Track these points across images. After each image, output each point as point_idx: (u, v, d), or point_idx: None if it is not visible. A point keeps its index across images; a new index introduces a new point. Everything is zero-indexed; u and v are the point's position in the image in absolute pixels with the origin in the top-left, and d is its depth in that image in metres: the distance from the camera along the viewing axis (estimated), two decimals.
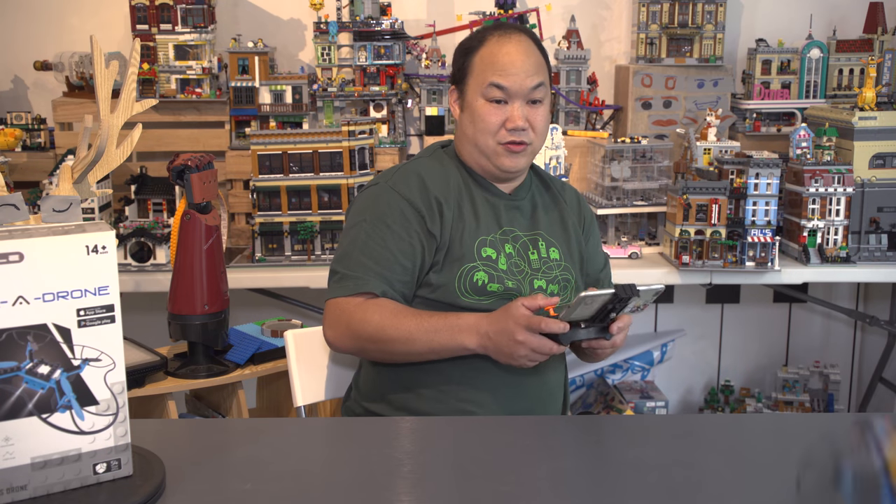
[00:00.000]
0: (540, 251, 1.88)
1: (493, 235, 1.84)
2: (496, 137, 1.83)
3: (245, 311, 3.14)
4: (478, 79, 1.84)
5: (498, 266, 1.81)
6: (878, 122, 2.89)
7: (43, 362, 1.13)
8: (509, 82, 1.82)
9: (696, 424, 1.63)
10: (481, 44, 1.86)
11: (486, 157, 1.85)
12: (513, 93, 1.82)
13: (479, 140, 1.84)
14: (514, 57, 1.83)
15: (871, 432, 1.48)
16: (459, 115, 1.90)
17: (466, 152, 1.90)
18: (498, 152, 1.84)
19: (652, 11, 3.19)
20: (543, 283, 1.85)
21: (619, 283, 1.57)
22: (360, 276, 1.75)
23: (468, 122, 1.86)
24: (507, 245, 1.85)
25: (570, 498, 1.23)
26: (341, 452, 1.38)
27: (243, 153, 3.06)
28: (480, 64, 1.84)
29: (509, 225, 1.87)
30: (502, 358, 1.66)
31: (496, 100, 1.82)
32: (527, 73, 1.83)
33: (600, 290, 1.54)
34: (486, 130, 1.83)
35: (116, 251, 1.17)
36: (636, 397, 3.35)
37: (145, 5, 3.06)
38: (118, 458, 1.19)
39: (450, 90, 1.94)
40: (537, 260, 1.87)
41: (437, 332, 1.70)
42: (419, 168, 1.87)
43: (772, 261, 2.80)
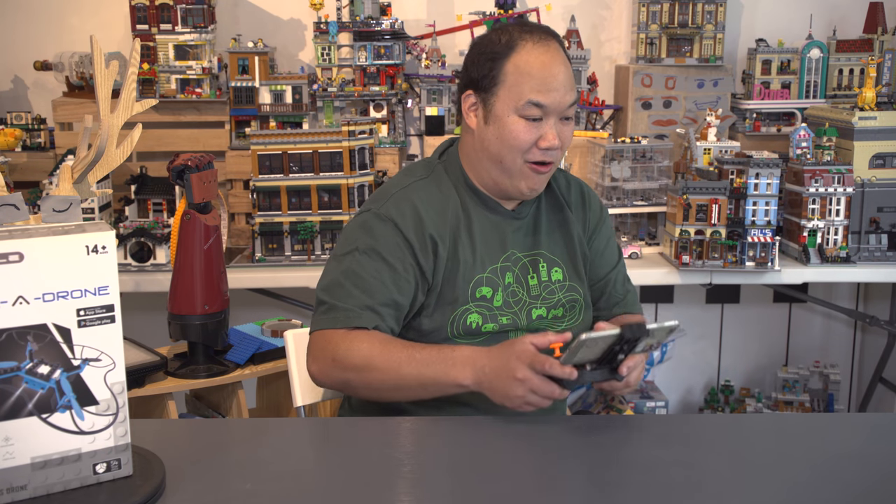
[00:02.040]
0: (540, 274, 1.76)
1: (491, 269, 1.71)
2: (525, 156, 1.68)
3: (245, 311, 3.14)
4: (513, 92, 1.66)
5: (493, 304, 1.70)
6: (878, 122, 2.89)
7: (43, 362, 1.13)
8: (549, 100, 1.65)
9: (696, 424, 1.63)
10: (513, 50, 1.67)
11: (508, 175, 1.70)
12: (550, 111, 1.66)
13: (506, 158, 1.68)
14: (555, 69, 1.66)
15: None
16: (477, 125, 1.72)
17: (480, 167, 1.74)
18: (523, 173, 1.69)
19: (652, 11, 3.19)
20: (543, 311, 1.75)
21: (627, 323, 1.40)
22: (351, 308, 1.61)
23: (493, 136, 1.69)
24: (508, 274, 1.73)
25: (570, 498, 1.23)
26: (341, 452, 1.38)
27: (243, 153, 3.06)
28: (516, 74, 1.66)
29: (512, 247, 1.75)
30: (497, 397, 1.49)
31: (533, 118, 1.66)
32: (566, 88, 1.67)
33: (603, 332, 1.39)
34: (516, 149, 1.67)
35: (116, 251, 1.17)
36: (636, 397, 3.35)
37: (145, 5, 3.06)
38: (118, 458, 1.19)
39: (465, 95, 1.73)
40: (537, 285, 1.76)
41: (429, 364, 1.54)
42: (415, 196, 1.71)
43: (772, 261, 2.80)
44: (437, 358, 1.55)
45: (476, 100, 1.72)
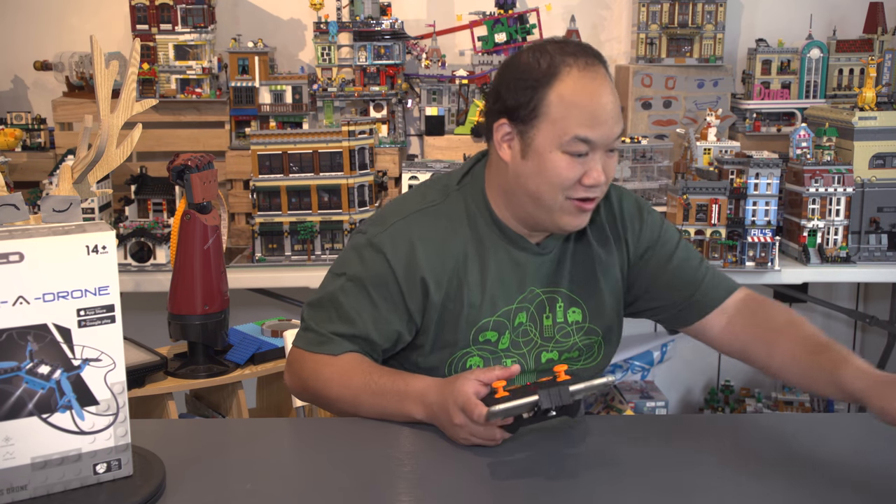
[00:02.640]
0: (556, 315, 1.62)
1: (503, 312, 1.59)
2: (567, 192, 1.52)
3: (245, 311, 3.14)
4: (557, 126, 1.49)
5: (498, 347, 1.59)
6: (878, 122, 2.89)
7: (43, 362, 1.13)
8: (598, 134, 1.49)
9: (696, 424, 1.63)
10: (556, 77, 1.50)
11: (548, 212, 1.54)
12: (597, 145, 1.51)
13: (545, 195, 1.52)
14: (604, 99, 1.50)
15: None
16: (513, 159, 1.55)
17: (513, 202, 1.58)
18: (564, 209, 1.53)
19: (652, 11, 3.19)
20: (555, 355, 1.63)
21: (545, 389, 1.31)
22: (325, 334, 1.56)
23: (532, 172, 1.52)
24: (521, 314, 1.60)
25: (570, 498, 1.23)
26: (341, 452, 1.38)
27: (243, 153, 3.06)
28: (560, 106, 1.49)
29: (532, 284, 1.61)
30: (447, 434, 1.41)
31: (578, 154, 1.50)
32: (615, 119, 1.52)
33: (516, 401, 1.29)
34: (558, 186, 1.51)
35: (116, 251, 1.17)
36: (636, 397, 3.35)
37: (145, 5, 3.06)
38: (118, 458, 1.19)
39: (498, 124, 1.55)
40: (551, 326, 1.62)
41: (384, 395, 1.48)
42: (415, 231, 1.57)
43: (772, 261, 2.80)
44: (391, 390, 1.49)
45: (511, 130, 1.54)
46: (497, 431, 1.37)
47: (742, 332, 1.64)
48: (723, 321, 1.66)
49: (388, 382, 1.50)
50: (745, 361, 1.67)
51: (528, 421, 1.36)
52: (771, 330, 1.61)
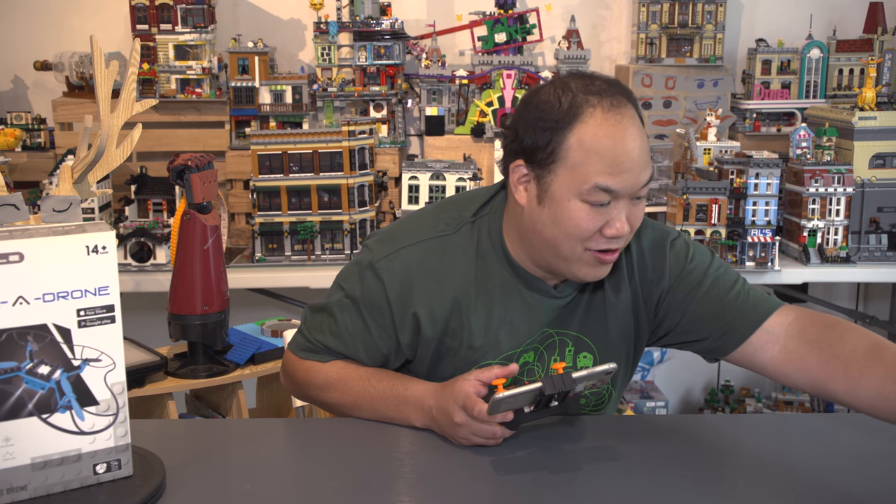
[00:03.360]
0: (565, 358, 1.54)
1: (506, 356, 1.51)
2: (586, 243, 1.41)
3: (245, 311, 3.14)
4: (576, 173, 1.37)
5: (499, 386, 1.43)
6: (878, 122, 2.89)
7: (43, 362, 1.13)
8: (621, 183, 1.37)
9: (696, 424, 1.63)
10: (577, 119, 1.37)
11: (566, 262, 1.44)
12: (621, 195, 1.39)
13: (562, 245, 1.42)
14: (629, 145, 1.37)
15: None
16: (528, 204, 1.44)
17: (530, 247, 1.48)
18: (584, 260, 1.43)
19: (652, 11, 3.19)
20: None
21: (550, 375, 1.30)
22: (317, 344, 1.55)
23: (549, 220, 1.41)
24: (528, 354, 1.53)
25: (570, 497, 1.23)
26: (341, 452, 1.38)
27: (243, 153, 3.06)
28: (580, 152, 1.37)
29: (543, 327, 1.53)
30: (447, 436, 1.40)
31: (599, 204, 1.39)
32: (641, 166, 1.39)
33: (520, 389, 1.28)
34: (577, 237, 1.41)
35: (116, 251, 1.17)
36: (636, 397, 3.35)
37: (145, 5, 3.06)
38: (118, 459, 1.19)
39: (513, 165, 1.44)
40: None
41: (383, 400, 1.47)
42: (415, 264, 1.50)
43: (772, 261, 2.80)
44: (390, 395, 1.47)
45: (528, 173, 1.43)
46: (497, 429, 1.34)
47: (809, 362, 1.43)
48: (775, 348, 1.46)
49: (386, 388, 1.48)
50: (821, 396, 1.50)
51: (528, 416, 1.35)
52: (850, 360, 1.39)
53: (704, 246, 1.62)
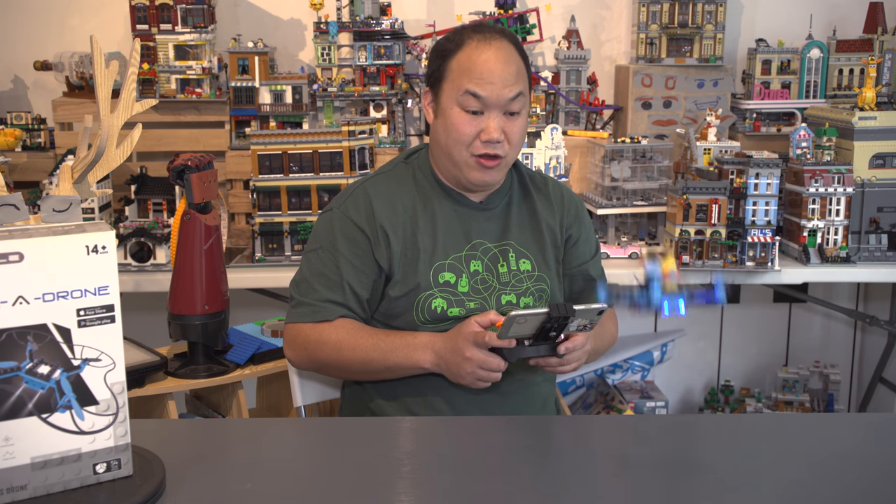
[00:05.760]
0: (510, 263, 1.83)
1: (453, 257, 1.79)
2: (469, 149, 1.75)
3: (245, 311, 3.14)
4: (453, 84, 1.75)
5: (458, 290, 1.77)
6: (878, 122, 2.89)
7: (43, 362, 1.13)
8: (486, 92, 1.72)
9: (696, 424, 1.63)
10: (459, 47, 1.77)
11: (458, 168, 1.78)
12: (490, 103, 1.73)
13: (452, 150, 1.77)
14: (493, 65, 1.73)
15: None
16: (433, 120, 1.82)
17: (439, 160, 1.83)
18: (470, 165, 1.77)
19: (652, 11, 3.19)
20: (513, 297, 1.81)
21: (556, 303, 1.57)
22: (315, 303, 1.76)
23: (442, 129, 1.78)
24: (474, 262, 1.80)
25: (570, 497, 1.23)
26: (341, 452, 1.38)
27: (243, 153, 3.06)
28: (457, 69, 1.75)
29: (479, 237, 1.82)
30: (452, 376, 1.66)
31: (472, 110, 1.74)
32: (505, 82, 1.73)
33: (531, 310, 1.53)
34: (459, 141, 1.75)
35: (116, 251, 1.17)
36: (636, 397, 3.35)
37: (145, 5, 3.06)
38: (118, 458, 1.20)
39: (424, 92, 1.85)
40: (506, 273, 1.82)
41: (393, 351, 1.70)
42: (370, 190, 1.82)
43: (772, 261, 2.80)
44: (399, 344, 1.70)
45: (431, 96, 1.82)
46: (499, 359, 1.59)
47: None
48: None
49: (395, 338, 1.71)
50: None
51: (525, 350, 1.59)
52: None
53: None
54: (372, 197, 1.80)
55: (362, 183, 1.85)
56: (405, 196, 1.82)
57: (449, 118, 1.75)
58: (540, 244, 1.87)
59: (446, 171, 1.83)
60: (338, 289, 1.76)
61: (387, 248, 1.77)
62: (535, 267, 1.85)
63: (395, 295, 1.77)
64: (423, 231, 1.79)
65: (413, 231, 1.78)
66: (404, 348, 1.69)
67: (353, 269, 1.76)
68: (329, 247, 1.79)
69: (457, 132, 1.75)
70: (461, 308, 1.76)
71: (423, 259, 1.77)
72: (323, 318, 1.74)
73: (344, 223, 1.79)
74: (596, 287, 1.87)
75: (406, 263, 1.77)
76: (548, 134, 2.88)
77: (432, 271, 1.76)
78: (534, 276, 1.84)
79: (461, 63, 1.75)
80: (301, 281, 1.80)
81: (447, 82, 1.77)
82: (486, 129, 1.73)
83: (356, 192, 1.83)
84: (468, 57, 1.74)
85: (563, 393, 3.42)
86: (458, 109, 1.74)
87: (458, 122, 1.74)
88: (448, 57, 1.77)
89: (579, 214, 1.96)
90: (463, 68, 1.74)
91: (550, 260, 1.88)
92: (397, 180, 1.85)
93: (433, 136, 1.82)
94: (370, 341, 1.71)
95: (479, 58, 1.74)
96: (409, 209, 1.80)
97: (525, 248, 1.85)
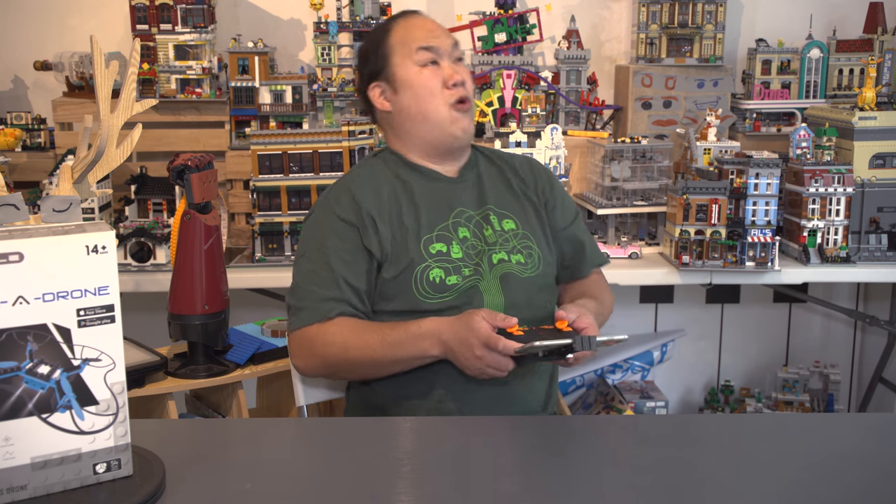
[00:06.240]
0: (493, 225, 1.87)
1: (441, 227, 1.83)
2: (443, 99, 1.84)
3: (245, 311, 3.14)
4: (403, 52, 1.86)
5: (451, 257, 1.80)
6: (878, 122, 2.89)
7: (43, 362, 1.13)
8: (436, 42, 1.86)
9: (696, 424, 1.63)
10: (389, 30, 1.89)
11: (439, 126, 1.85)
12: (441, 52, 1.86)
13: (429, 110, 1.84)
14: (428, 23, 1.91)
15: None
16: (394, 102, 1.88)
17: (414, 137, 1.88)
18: (451, 117, 1.84)
19: (652, 11, 3.19)
20: (504, 255, 1.84)
21: (579, 335, 1.58)
22: (314, 305, 1.76)
23: (410, 98, 1.85)
24: (461, 228, 1.84)
25: (570, 498, 1.23)
26: (341, 452, 1.38)
27: (243, 153, 3.06)
28: (399, 41, 1.87)
29: (460, 206, 1.87)
30: (459, 365, 1.68)
31: (430, 62, 1.85)
32: (444, 33, 1.89)
33: (555, 341, 1.56)
34: (432, 95, 1.84)
35: (116, 251, 1.17)
36: (636, 397, 3.35)
37: (145, 5, 3.06)
38: (118, 458, 1.20)
39: (370, 92, 1.91)
40: (493, 234, 1.86)
41: (400, 344, 1.70)
42: (349, 183, 1.86)
43: (772, 261, 2.80)
44: (405, 336, 1.70)
45: (382, 85, 1.89)
46: (510, 362, 1.60)
47: None
48: None
49: (401, 331, 1.71)
50: None
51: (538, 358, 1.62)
52: None
53: None
54: (353, 190, 1.84)
55: (340, 181, 1.90)
56: (384, 183, 1.86)
57: (415, 81, 1.85)
58: (520, 204, 1.93)
59: (424, 144, 1.88)
60: (333, 285, 1.76)
61: (375, 233, 1.79)
62: (518, 225, 1.89)
63: (389, 276, 1.78)
64: (407, 212, 1.83)
65: (398, 213, 1.82)
66: (411, 339, 1.69)
67: (344, 262, 1.78)
68: (317, 247, 1.81)
69: (427, 87, 1.84)
70: (458, 276, 1.78)
71: (412, 236, 1.80)
72: (324, 316, 1.75)
73: (330, 220, 1.82)
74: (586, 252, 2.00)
75: (396, 245, 1.79)
76: (548, 134, 2.88)
77: (422, 244, 1.80)
78: (518, 234, 1.88)
79: (400, 35, 1.87)
80: (295, 288, 1.81)
81: (395, 57, 1.86)
82: (448, 74, 1.85)
83: (336, 190, 1.87)
84: (404, 28, 1.88)
85: (564, 393, 3.42)
86: (419, 68, 1.85)
87: (425, 78, 1.84)
88: (382, 42, 1.89)
89: (551, 181, 2.02)
90: (405, 38, 1.87)
91: (532, 219, 1.92)
92: (372, 171, 1.90)
93: (402, 116, 1.88)
94: (376, 336, 1.71)
95: (414, 23, 1.89)
96: (391, 194, 1.84)
97: (505, 210, 1.90)
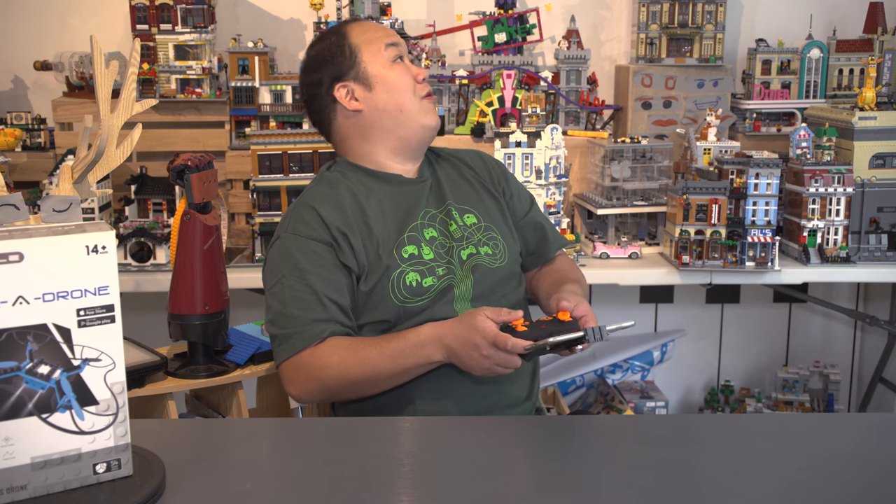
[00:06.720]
0: (456, 220, 1.87)
1: (410, 228, 1.81)
2: (416, 93, 1.86)
3: (245, 311, 3.14)
4: (372, 49, 1.85)
5: (424, 259, 1.79)
6: (878, 122, 2.89)
7: (43, 362, 1.13)
8: (397, 40, 1.88)
9: (696, 424, 1.63)
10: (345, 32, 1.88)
11: (414, 118, 1.86)
12: (402, 51, 1.88)
13: (405, 103, 1.85)
14: (379, 25, 1.97)
15: None
16: (364, 100, 1.85)
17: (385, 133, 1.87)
18: (424, 108, 1.86)
19: (652, 11, 3.19)
20: (472, 249, 1.85)
21: (590, 327, 1.57)
22: (298, 330, 1.70)
23: (385, 93, 1.84)
24: (427, 230, 1.83)
25: (570, 498, 1.23)
26: (341, 452, 1.38)
27: (243, 153, 3.06)
28: (362, 40, 1.86)
29: (425, 206, 1.87)
30: (464, 367, 1.64)
31: (398, 58, 1.86)
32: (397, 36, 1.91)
33: (568, 336, 1.55)
34: (407, 90, 1.85)
35: (116, 251, 1.17)
36: (636, 397, 3.35)
37: (145, 5, 3.06)
38: (118, 458, 1.19)
39: (337, 92, 1.86)
40: (457, 229, 1.86)
41: (401, 355, 1.66)
42: (311, 202, 1.80)
43: (772, 261, 2.80)
44: (405, 346, 1.66)
45: (349, 84, 1.86)
46: (518, 359, 1.58)
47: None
48: None
49: (399, 342, 1.66)
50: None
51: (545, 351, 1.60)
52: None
53: None
54: (316, 207, 1.78)
55: (299, 202, 1.85)
56: (345, 195, 1.82)
57: (388, 76, 1.85)
58: (478, 197, 1.94)
59: (395, 141, 1.87)
60: (318, 306, 1.71)
61: (350, 248, 1.76)
62: (480, 218, 1.90)
63: (367, 288, 1.75)
64: (374, 218, 1.80)
65: (365, 223, 1.79)
66: (412, 348, 1.65)
67: (325, 280, 1.73)
68: (292, 271, 1.74)
69: (402, 81, 1.85)
70: (433, 276, 1.77)
71: (383, 244, 1.78)
72: (316, 339, 1.69)
73: (299, 242, 1.76)
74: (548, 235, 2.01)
75: (371, 256, 1.77)
76: (548, 134, 2.88)
77: (395, 249, 1.78)
78: (481, 227, 1.89)
79: (360, 36, 1.87)
80: (277, 316, 1.75)
81: (364, 55, 1.85)
82: (416, 71, 1.89)
83: (298, 211, 1.82)
84: (361, 28, 1.89)
85: (564, 393, 3.42)
86: (391, 64, 1.85)
87: (399, 73, 1.85)
88: (343, 42, 1.86)
89: (503, 170, 2.04)
90: (369, 37, 1.86)
91: (493, 210, 1.93)
92: (330, 185, 1.85)
93: (372, 114, 1.86)
94: (374, 351, 1.66)
95: (367, 25, 1.91)
96: (353, 205, 1.81)
97: (465, 204, 1.91)
